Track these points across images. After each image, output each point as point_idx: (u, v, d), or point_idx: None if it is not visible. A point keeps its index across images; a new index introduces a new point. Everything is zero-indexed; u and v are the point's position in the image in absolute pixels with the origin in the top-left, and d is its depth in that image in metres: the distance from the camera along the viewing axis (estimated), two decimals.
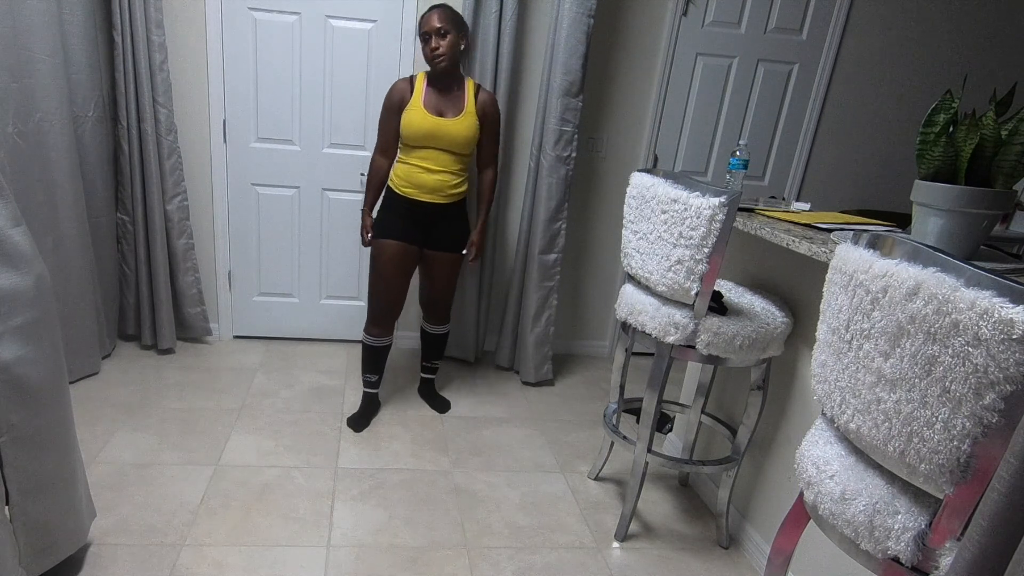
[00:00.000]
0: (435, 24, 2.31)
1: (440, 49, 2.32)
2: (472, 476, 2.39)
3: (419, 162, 2.42)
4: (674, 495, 2.41)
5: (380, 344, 2.59)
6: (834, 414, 1.13)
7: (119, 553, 1.84)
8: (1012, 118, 1.34)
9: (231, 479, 2.22)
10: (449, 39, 2.33)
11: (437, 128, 2.38)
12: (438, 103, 2.41)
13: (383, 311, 2.53)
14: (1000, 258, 1.58)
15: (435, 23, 2.31)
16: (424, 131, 2.37)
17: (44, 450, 1.51)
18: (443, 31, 2.32)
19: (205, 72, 2.94)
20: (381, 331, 2.57)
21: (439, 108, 2.41)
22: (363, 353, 2.63)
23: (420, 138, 2.38)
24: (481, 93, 2.49)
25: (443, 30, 2.32)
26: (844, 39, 3.29)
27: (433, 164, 2.42)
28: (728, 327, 1.78)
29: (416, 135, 2.38)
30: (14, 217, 1.40)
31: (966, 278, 0.88)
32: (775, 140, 3.45)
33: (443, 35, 2.32)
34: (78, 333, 2.71)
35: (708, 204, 1.65)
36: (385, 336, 2.59)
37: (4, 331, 1.37)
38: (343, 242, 3.28)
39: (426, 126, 2.37)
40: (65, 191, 2.58)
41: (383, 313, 2.54)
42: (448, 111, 2.42)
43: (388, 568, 1.89)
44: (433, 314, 2.74)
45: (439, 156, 2.42)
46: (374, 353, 2.61)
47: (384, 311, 2.53)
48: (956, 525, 0.93)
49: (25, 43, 2.32)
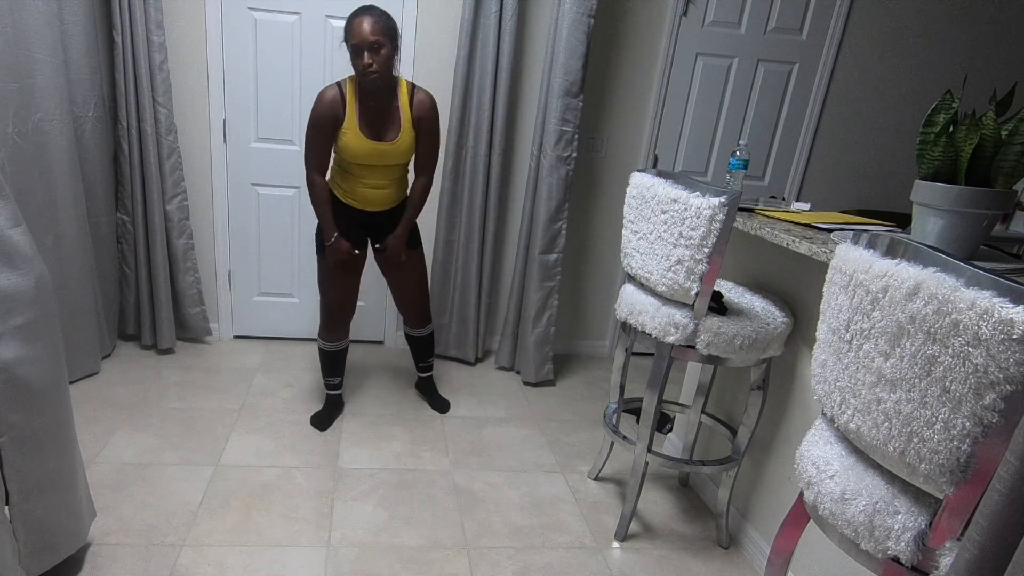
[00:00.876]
0: (367, 37, 2.04)
1: (374, 66, 2.07)
2: (472, 476, 2.39)
3: (361, 179, 2.32)
4: (674, 495, 2.41)
5: (337, 348, 2.57)
6: (834, 414, 1.13)
7: (119, 553, 1.84)
8: (1012, 118, 1.34)
9: (231, 479, 2.22)
10: (384, 53, 2.08)
11: (376, 152, 2.24)
12: (374, 122, 2.23)
13: (335, 315, 2.49)
14: (1000, 258, 1.58)
15: (367, 36, 2.04)
16: (363, 155, 2.24)
17: (44, 450, 1.51)
18: (376, 45, 2.06)
19: (205, 72, 2.94)
20: (336, 335, 2.54)
21: (376, 129, 2.23)
22: (321, 359, 2.61)
23: (360, 161, 2.26)
24: (416, 95, 2.26)
25: (376, 44, 2.05)
26: (844, 39, 3.29)
27: (377, 180, 2.32)
28: (728, 327, 1.78)
29: (355, 159, 2.26)
30: (14, 217, 1.40)
31: (966, 278, 0.88)
32: (775, 140, 3.45)
33: (376, 49, 2.06)
34: (78, 333, 2.71)
35: (708, 204, 1.65)
36: (340, 340, 2.56)
37: (4, 331, 1.37)
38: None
39: (364, 150, 2.23)
40: (65, 191, 2.58)
41: (334, 317, 2.49)
42: (386, 131, 2.25)
43: (388, 568, 1.89)
44: (412, 318, 2.67)
45: (383, 172, 2.32)
46: (331, 357, 2.59)
47: (336, 314, 2.49)
48: (956, 525, 0.93)
49: (25, 43, 2.32)
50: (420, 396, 2.94)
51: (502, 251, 3.33)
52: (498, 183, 3.09)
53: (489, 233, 3.15)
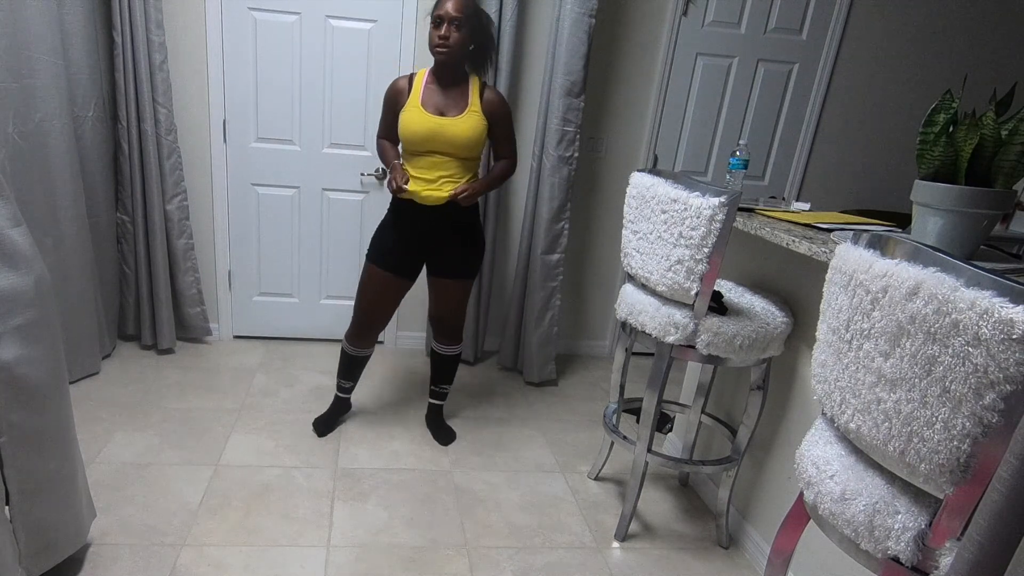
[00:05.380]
0: (450, 11, 2.06)
1: (448, 40, 2.08)
2: (472, 476, 2.39)
3: (422, 173, 2.19)
4: (674, 495, 2.41)
5: (360, 355, 2.50)
6: (834, 414, 1.13)
7: (119, 553, 1.84)
8: (1012, 118, 1.34)
9: (231, 479, 2.22)
10: (461, 33, 2.10)
11: (438, 128, 2.14)
12: (438, 101, 2.19)
13: (365, 328, 2.43)
14: (1000, 258, 1.58)
15: (450, 10, 2.06)
16: (424, 132, 2.14)
17: (44, 450, 1.51)
18: (458, 22, 2.08)
19: (205, 72, 2.94)
20: (363, 343, 2.47)
21: (439, 106, 2.18)
22: (341, 359, 2.53)
23: (420, 141, 2.16)
24: (487, 91, 2.24)
25: (458, 21, 2.08)
26: (844, 39, 3.29)
27: (439, 172, 2.19)
28: (728, 327, 1.78)
29: (415, 137, 2.16)
30: (14, 217, 1.40)
31: (966, 278, 0.88)
32: (775, 140, 3.45)
33: (457, 26, 2.08)
34: (78, 333, 2.71)
35: (708, 204, 1.65)
36: (366, 348, 2.49)
37: (4, 331, 1.37)
38: (343, 242, 3.28)
39: (426, 126, 2.14)
40: (65, 191, 2.58)
41: (365, 329, 2.44)
42: (450, 109, 2.18)
43: (388, 568, 1.89)
44: (441, 332, 2.52)
45: (443, 163, 2.18)
46: (352, 362, 2.52)
47: (366, 329, 2.44)
48: (956, 525, 0.93)
49: (25, 43, 2.32)
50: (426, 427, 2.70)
51: (503, 251, 3.33)
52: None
53: (490, 233, 3.15)
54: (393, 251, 2.30)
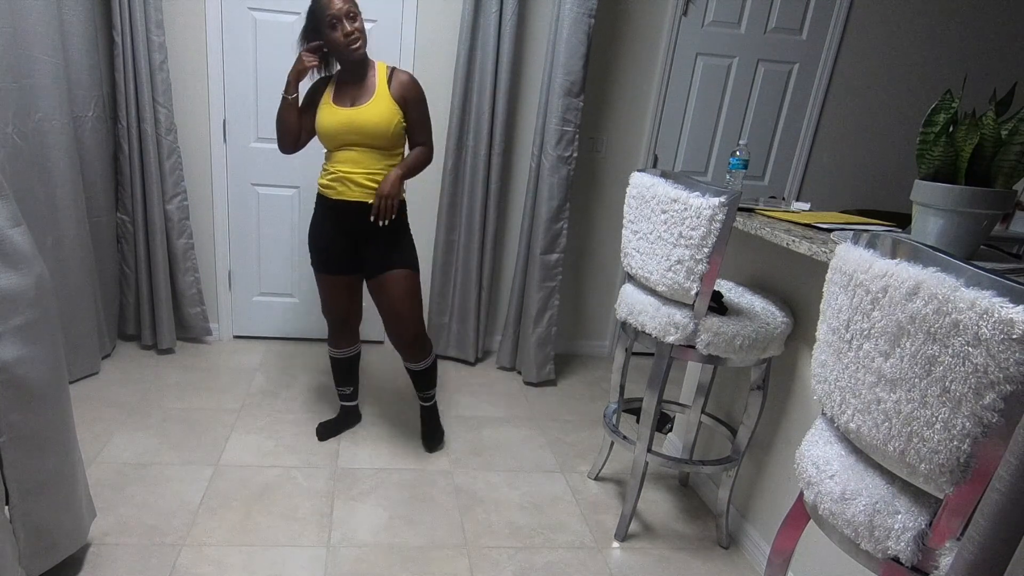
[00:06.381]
0: (341, 6, 2.02)
1: (356, 32, 2.04)
2: (472, 476, 2.39)
3: (342, 167, 2.16)
4: (674, 495, 2.41)
5: (345, 356, 2.51)
6: (834, 414, 1.13)
7: (119, 553, 1.84)
8: (1012, 118, 1.34)
9: (231, 479, 2.22)
10: (360, 20, 2.07)
11: (348, 120, 2.10)
12: (350, 93, 2.16)
13: (338, 329, 2.46)
14: (1000, 258, 1.58)
15: (341, 4, 2.02)
16: (336, 125, 2.11)
17: (44, 450, 1.51)
18: (352, 13, 2.04)
19: (205, 72, 2.94)
20: (343, 344, 2.49)
21: (352, 98, 2.15)
22: (332, 366, 2.56)
23: (335, 135, 2.12)
24: (396, 74, 2.18)
25: (352, 12, 2.04)
26: (844, 39, 3.29)
27: (358, 167, 2.15)
28: (728, 327, 1.78)
29: (330, 131, 2.13)
30: (14, 217, 1.40)
31: (966, 278, 0.88)
32: (775, 140, 3.45)
33: (354, 16, 2.05)
34: (78, 333, 2.71)
35: (708, 204, 1.65)
36: (349, 348, 2.50)
37: (4, 331, 1.37)
38: None
39: (337, 118, 2.11)
40: (65, 191, 2.58)
41: (339, 330, 2.46)
42: (359, 99, 2.14)
43: (388, 568, 1.89)
44: (402, 345, 2.33)
45: (361, 156, 2.14)
46: (341, 365, 2.53)
47: (339, 329, 2.45)
48: (956, 525, 0.93)
49: (25, 43, 2.32)
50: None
51: (502, 251, 3.33)
52: (498, 183, 3.09)
53: (489, 233, 3.15)
54: (329, 251, 2.29)
